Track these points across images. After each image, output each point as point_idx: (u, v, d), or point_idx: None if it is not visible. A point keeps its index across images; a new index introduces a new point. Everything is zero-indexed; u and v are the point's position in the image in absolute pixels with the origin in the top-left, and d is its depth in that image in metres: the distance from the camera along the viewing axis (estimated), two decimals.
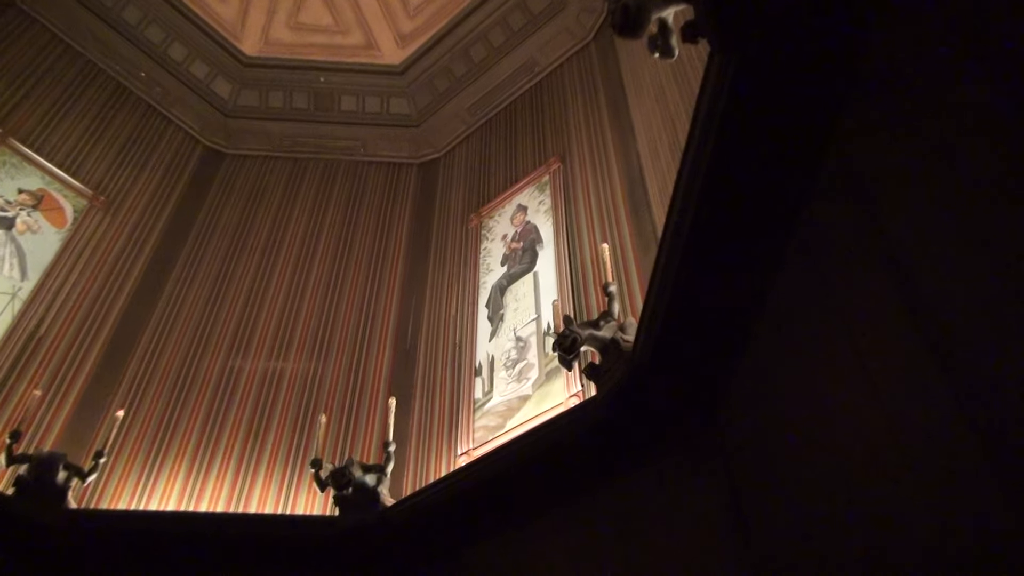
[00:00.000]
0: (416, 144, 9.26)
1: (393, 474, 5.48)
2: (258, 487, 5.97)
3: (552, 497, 4.11)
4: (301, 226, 8.34)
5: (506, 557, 4.26)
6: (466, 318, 6.68)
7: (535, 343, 5.73)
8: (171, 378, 6.73)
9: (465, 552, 4.57)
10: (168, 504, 5.83)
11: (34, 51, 7.76)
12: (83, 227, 7.23)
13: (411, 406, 6.34)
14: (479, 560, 4.46)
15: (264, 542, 5.12)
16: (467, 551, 4.56)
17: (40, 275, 6.65)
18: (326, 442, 6.06)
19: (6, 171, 6.90)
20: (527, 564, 4.08)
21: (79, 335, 6.64)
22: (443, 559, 4.70)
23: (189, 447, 6.21)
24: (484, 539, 4.45)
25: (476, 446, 5.52)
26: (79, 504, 5.49)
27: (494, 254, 6.99)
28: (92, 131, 7.89)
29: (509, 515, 4.33)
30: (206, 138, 9.10)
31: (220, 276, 7.71)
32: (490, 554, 4.38)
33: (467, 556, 4.55)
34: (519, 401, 5.48)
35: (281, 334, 7.17)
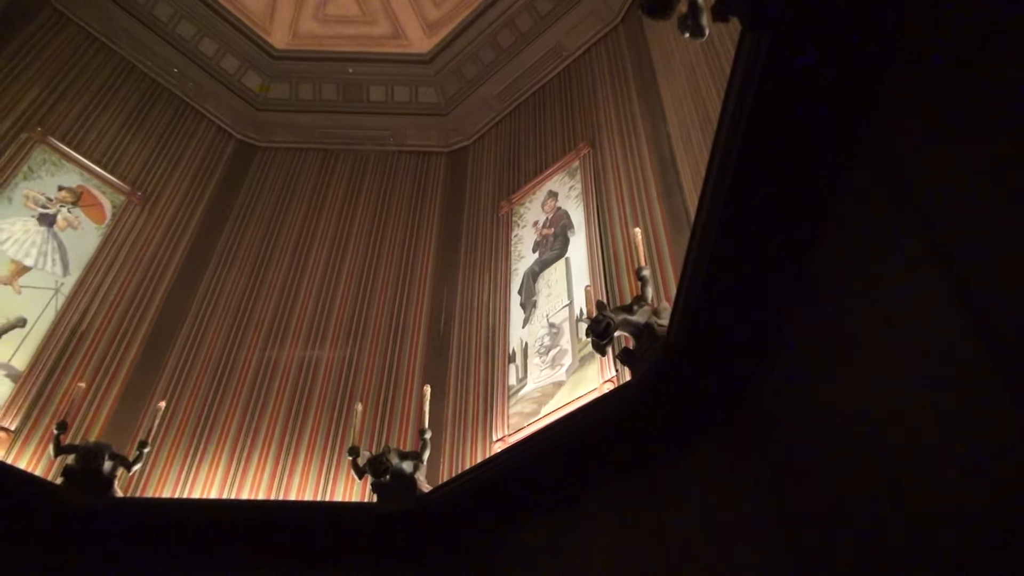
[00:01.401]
0: (445, 132, 9.27)
1: (429, 461, 5.53)
2: (297, 474, 6.06)
3: (589, 482, 4.12)
4: (333, 216, 8.41)
5: (543, 542, 4.28)
6: (499, 305, 6.69)
7: (568, 329, 5.72)
8: (210, 368, 6.85)
9: (502, 537, 4.60)
10: (210, 492, 5.95)
11: (69, 50, 7.89)
12: (121, 222, 7.37)
13: (446, 393, 6.38)
14: (516, 545, 4.49)
15: (304, 528, 5.21)
16: (504, 536, 4.59)
17: (81, 270, 6.81)
18: (363, 430, 6.12)
19: (46, 169, 7.06)
20: (565, 549, 4.09)
21: (120, 328, 6.79)
22: (480, 545, 4.74)
23: (229, 435, 6.33)
24: (521, 525, 4.48)
25: (511, 432, 5.54)
26: (125, 493, 5.64)
27: (525, 241, 6.98)
28: (128, 127, 8.02)
29: (546, 501, 4.34)
30: (238, 131, 9.21)
31: (256, 267, 7.82)
32: (527, 539, 4.41)
33: (504, 541, 4.58)
34: (553, 387, 5.48)
35: (316, 323, 7.26)
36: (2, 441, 5.57)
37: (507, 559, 4.50)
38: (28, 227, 6.64)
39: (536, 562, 4.28)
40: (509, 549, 4.51)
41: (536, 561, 4.28)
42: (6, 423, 5.65)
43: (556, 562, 4.11)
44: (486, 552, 4.68)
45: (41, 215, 6.80)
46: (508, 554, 4.50)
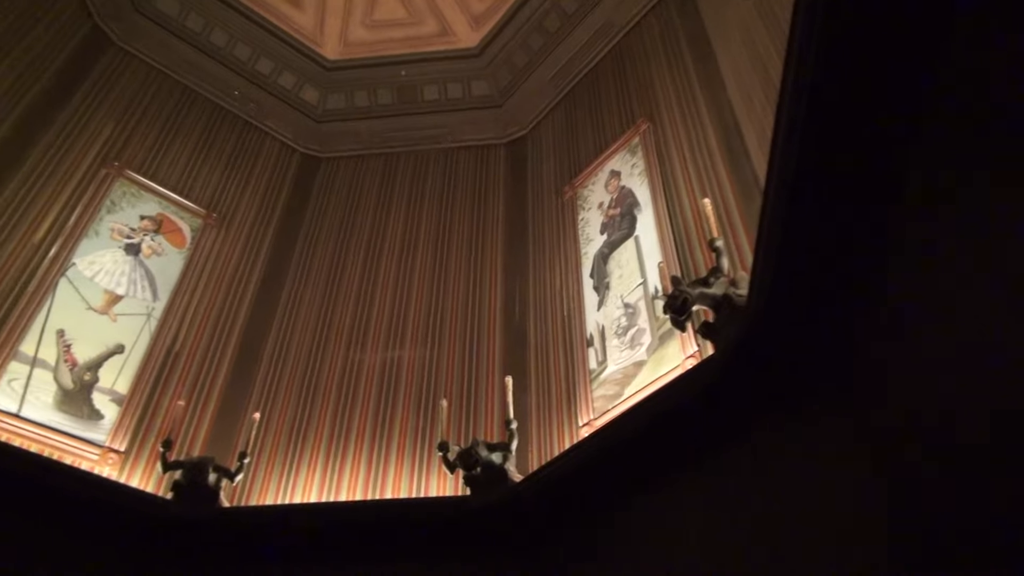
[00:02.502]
0: (501, 124, 9.28)
1: (518, 450, 5.57)
2: (390, 474, 6.19)
3: (679, 460, 4.07)
4: (400, 218, 8.53)
5: (640, 523, 4.26)
6: (572, 290, 6.68)
7: (644, 308, 5.67)
8: (298, 377, 7.07)
9: (597, 521, 4.60)
10: (309, 496, 6.14)
11: (136, 85, 8.23)
12: (201, 244, 7.66)
13: (527, 382, 6.41)
14: (611, 528, 4.48)
15: (400, 525, 5.34)
16: (599, 520, 4.59)
17: (169, 294, 7.11)
18: (450, 425, 6.21)
19: (127, 201, 7.39)
20: (663, 528, 4.06)
21: (211, 346, 7.08)
22: (575, 530, 4.76)
23: (322, 440, 6.52)
24: (615, 507, 4.47)
25: (597, 416, 5.53)
26: (230, 503, 5.88)
27: (592, 223, 6.93)
28: (197, 152, 8.32)
29: (637, 482, 4.32)
30: (301, 145, 9.44)
31: (331, 275, 8.02)
32: (622, 521, 4.39)
33: (599, 525, 4.58)
34: (634, 368, 5.44)
35: (395, 324, 7.39)
36: (114, 462, 5.88)
37: (603, 542, 4.50)
38: (116, 258, 6.98)
39: (634, 543, 4.27)
40: (605, 532, 4.51)
41: (634, 542, 4.27)
42: (116, 444, 5.97)
43: (655, 541, 4.09)
44: (581, 537, 4.69)
45: (127, 245, 7.13)
46: (604, 537, 4.50)
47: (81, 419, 5.96)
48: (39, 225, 6.57)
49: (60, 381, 6.03)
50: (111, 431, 6.02)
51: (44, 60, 7.31)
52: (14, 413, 5.65)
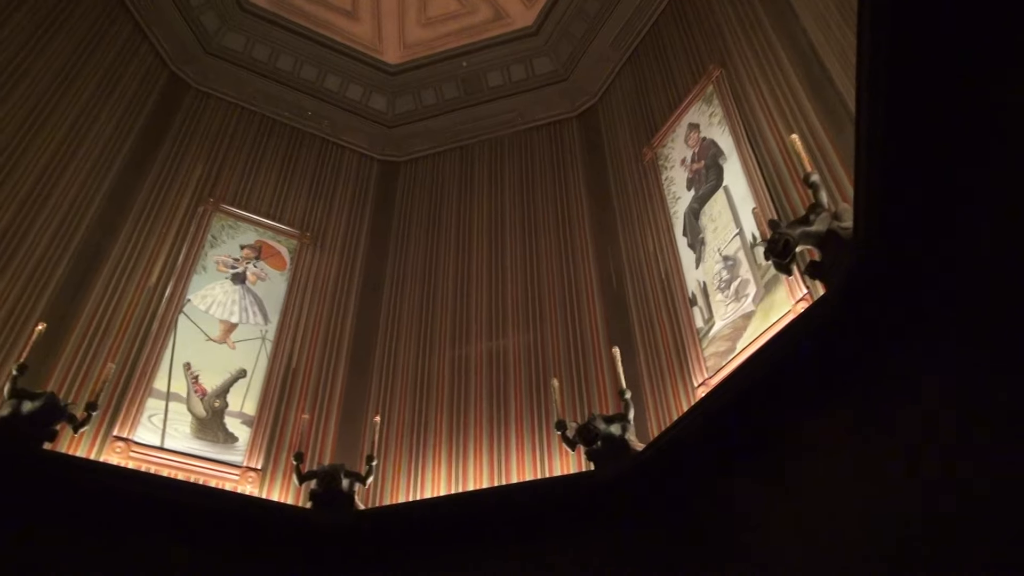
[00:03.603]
0: (570, 97, 9.17)
1: (636, 419, 5.53)
2: (512, 459, 6.26)
3: (804, 407, 3.92)
4: (484, 208, 8.59)
5: (767, 478, 4.14)
6: (666, 252, 6.54)
7: (744, 258, 5.49)
8: (410, 377, 7.24)
9: (725, 479, 4.51)
10: (438, 489, 6.29)
11: (217, 123, 8.60)
12: (300, 264, 7.95)
13: (635, 350, 6.34)
14: (739, 485, 4.38)
15: (528, 507, 5.39)
16: (727, 477, 4.49)
17: (278, 315, 7.42)
18: (564, 403, 6.22)
19: (227, 233, 7.74)
20: (794, 478, 3.93)
21: (324, 358, 7.35)
22: (703, 492, 4.68)
23: (442, 434, 6.66)
24: (742, 463, 4.36)
25: (711, 375, 5.41)
26: (365, 505, 6.09)
27: (677, 181, 6.77)
28: (283, 177, 8.63)
29: (762, 436, 4.20)
30: (378, 153, 9.63)
31: (426, 274, 8.16)
32: (751, 477, 4.28)
33: (727, 482, 4.48)
34: (743, 320, 5.28)
35: (494, 314, 7.45)
36: (254, 480, 6.19)
37: (740, 500, 4.40)
38: (225, 288, 7.33)
39: (762, 499, 4.15)
40: (733, 490, 4.41)
41: (762, 498, 4.15)
42: (253, 463, 6.28)
43: (783, 495, 3.96)
44: (713, 498, 4.60)
45: (233, 275, 7.48)
46: (741, 495, 4.40)
47: (218, 443, 6.30)
48: (151, 269, 6.97)
49: (194, 411, 6.39)
50: (247, 451, 6.34)
51: (131, 115, 7.73)
52: (158, 446, 6.03)
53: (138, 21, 8.11)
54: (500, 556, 5.27)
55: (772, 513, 4.08)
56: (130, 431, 5.98)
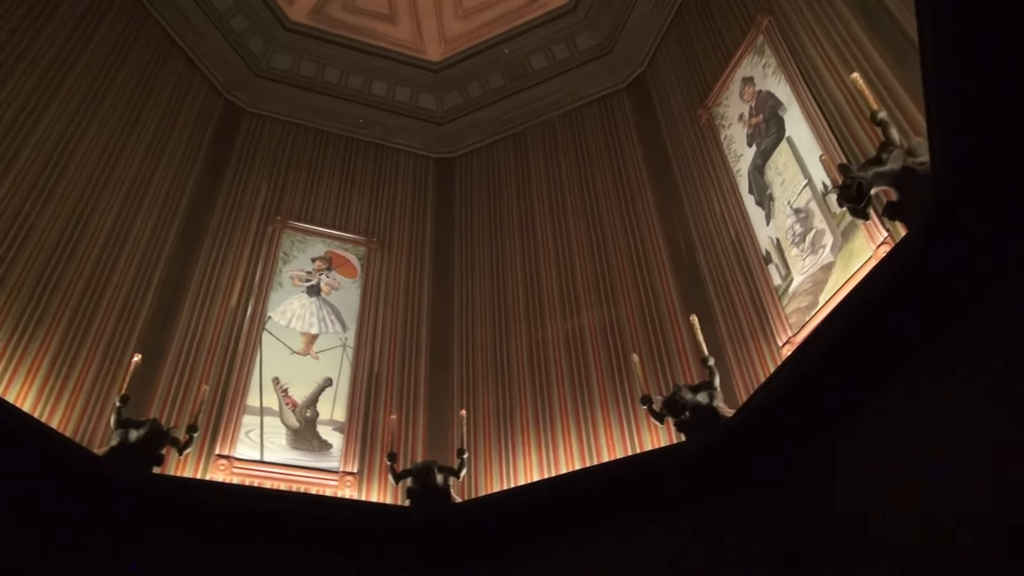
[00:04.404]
0: (616, 68, 9.03)
1: (722, 385, 5.43)
2: (601, 438, 6.24)
3: (897, 353, 3.77)
4: (544, 191, 8.55)
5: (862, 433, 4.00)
6: (734, 212, 6.38)
7: (817, 208, 5.30)
8: (490, 367, 7.29)
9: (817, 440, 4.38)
10: (531, 475, 6.32)
11: (275, 143, 8.83)
12: (370, 270, 8.09)
13: (713, 316, 6.21)
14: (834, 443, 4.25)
15: (623, 484, 5.36)
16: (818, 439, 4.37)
17: (355, 322, 7.58)
18: (646, 377, 6.16)
19: (298, 248, 7.95)
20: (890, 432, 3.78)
21: (404, 357, 7.48)
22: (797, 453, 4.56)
23: (529, 420, 6.69)
24: (835, 421, 4.23)
25: (795, 333, 5.26)
26: (462, 498, 6.17)
27: (737, 139, 6.58)
28: (343, 186, 8.80)
29: (856, 389, 4.06)
30: (432, 151, 9.70)
31: (493, 264, 8.19)
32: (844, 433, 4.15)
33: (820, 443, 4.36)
34: (823, 272, 5.11)
35: (566, 295, 7.43)
36: (352, 483, 6.36)
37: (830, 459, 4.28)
38: (303, 302, 7.54)
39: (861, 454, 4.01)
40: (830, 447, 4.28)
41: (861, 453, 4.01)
42: (349, 467, 6.45)
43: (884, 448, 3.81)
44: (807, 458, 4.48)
45: (308, 288, 7.68)
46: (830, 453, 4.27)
47: (313, 452, 6.49)
48: (231, 291, 7.23)
49: (287, 423, 6.60)
50: (341, 456, 6.51)
51: (193, 146, 8.02)
52: (258, 460, 6.25)
53: (189, 55, 8.37)
54: (598, 535, 5.26)
55: (873, 468, 3.94)
56: (231, 448, 6.22)
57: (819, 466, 4.42)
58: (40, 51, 6.34)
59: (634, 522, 5.19)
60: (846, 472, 4.18)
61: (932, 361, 3.55)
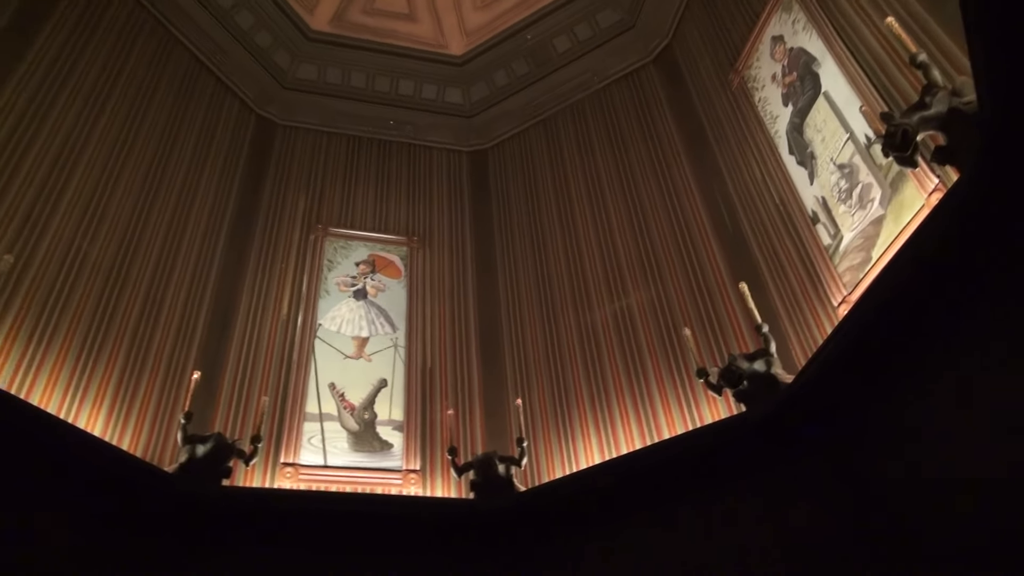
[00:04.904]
0: (641, 42, 8.89)
1: (779, 352, 5.33)
2: (660, 414, 6.18)
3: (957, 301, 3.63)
4: (579, 174, 8.49)
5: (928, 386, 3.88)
6: (775, 175, 6.24)
7: (861, 161, 5.14)
8: (541, 354, 7.29)
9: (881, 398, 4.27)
10: (592, 458, 6.29)
11: (310, 153, 8.95)
12: (414, 268, 8.15)
13: (763, 282, 6.08)
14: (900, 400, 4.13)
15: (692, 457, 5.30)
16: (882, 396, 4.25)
17: (404, 321, 7.64)
18: (700, 351, 6.07)
19: (341, 254, 8.05)
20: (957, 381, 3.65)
21: (456, 352, 7.51)
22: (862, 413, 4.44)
23: (585, 404, 6.67)
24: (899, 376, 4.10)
25: (850, 291, 5.12)
26: (525, 486, 6.18)
27: (772, 100, 6.43)
28: (379, 189, 8.87)
29: (918, 340, 3.93)
30: (464, 145, 9.70)
31: (535, 251, 8.17)
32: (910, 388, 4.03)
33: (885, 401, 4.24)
34: (873, 227, 4.96)
35: (611, 276, 7.37)
36: (416, 481, 6.42)
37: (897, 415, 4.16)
38: (351, 306, 7.63)
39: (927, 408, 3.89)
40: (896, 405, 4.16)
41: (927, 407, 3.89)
42: (412, 465, 6.51)
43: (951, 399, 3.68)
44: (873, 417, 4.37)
45: (354, 292, 7.77)
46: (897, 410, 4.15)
47: (375, 453, 6.57)
48: (280, 302, 7.36)
49: (347, 426, 6.69)
50: (403, 455, 6.58)
51: (231, 164, 8.17)
52: (322, 465, 6.35)
53: (218, 75, 8.51)
54: (667, 512, 5.22)
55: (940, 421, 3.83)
56: (295, 456, 6.33)
57: (884, 424, 4.31)
58: (74, 90, 6.50)
59: (702, 496, 5.14)
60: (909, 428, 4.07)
61: (993, 308, 3.42)
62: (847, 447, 4.64)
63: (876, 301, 4.07)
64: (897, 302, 3.94)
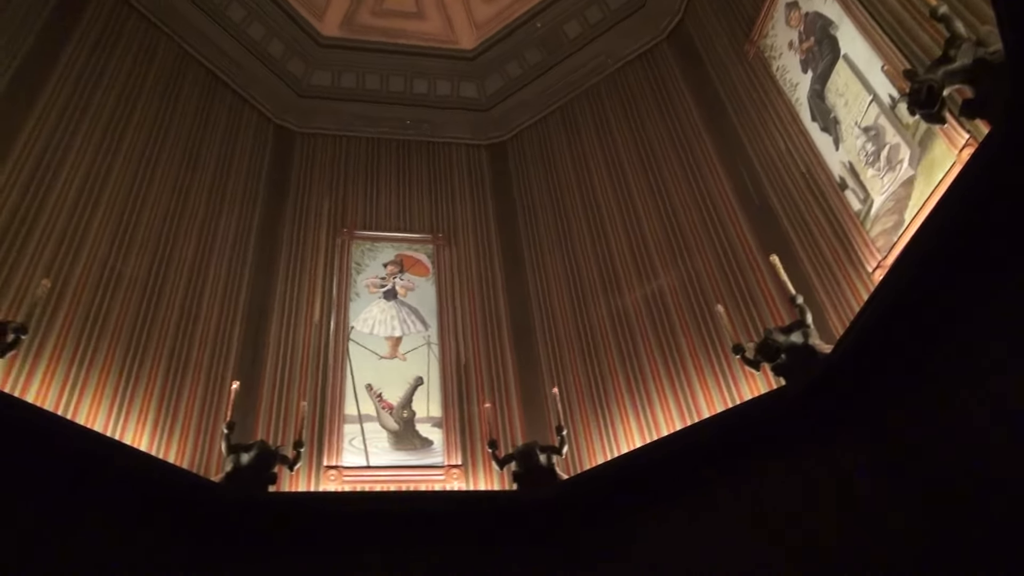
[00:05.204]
0: (652, 21, 8.78)
1: (816, 322, 5.26)
2: (698, 394, 6.14)
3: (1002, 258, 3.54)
4: (599, 158, 8.44)
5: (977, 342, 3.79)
6: (799, 144, 6.15)
7: (887, 122, 5.04)
8: (574, 341, 7.27)
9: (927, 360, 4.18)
10: (632, 442, 6.26)
11: (329, 157, 9.02)
12: (441, 265, 8.17)
13: (795, 253, 5.98)
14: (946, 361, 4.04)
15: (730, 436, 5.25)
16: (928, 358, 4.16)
17: (435, 318, 7.66)
18: (735, 326, 6.00)
19: (369, 256, 8.10)
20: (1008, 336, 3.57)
21: (489, 346, 7.52)
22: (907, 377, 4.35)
23: (622, 387, 6.64)
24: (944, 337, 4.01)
25: (884, 255, 5.02)
26: (567, 474, 6.17)
27: (790, 68, 6.33)
28: (401, 188, 8.90)
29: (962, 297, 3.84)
30: (482, 138, 9.69)
31: (561, 239, 8.16)
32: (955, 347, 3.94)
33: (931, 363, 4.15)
34: (904, 188, 4.85)
35: (639, 258, 7.32)
36: (458, 475, 6.45)
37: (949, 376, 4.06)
38: (381, 307, 7.68)
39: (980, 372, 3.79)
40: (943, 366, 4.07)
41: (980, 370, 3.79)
42: (453, 460, 6.54)
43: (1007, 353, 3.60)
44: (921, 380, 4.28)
45: (384, 293, 7.82)
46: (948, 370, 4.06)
47: (416, 450, 6.61)
48: (312, 308, 7.43)
49: (386, 426, 6.74)
50: (444, 451, 6.61)
51: (253, 176, 8.27)
52: (365, 465, 6.41)
53: (235, 88, 8.60)
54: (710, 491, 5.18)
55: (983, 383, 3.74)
56: (337, 458, 6.39)
57: (931, 391, 4.22)
58: (96, 114, 6.64)
59: (747, 474, 5.09)
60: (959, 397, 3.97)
61: None
62: (889, 414, 4.56)
63: (912, 264, 3.99)
64: (933, 263, 3.85)
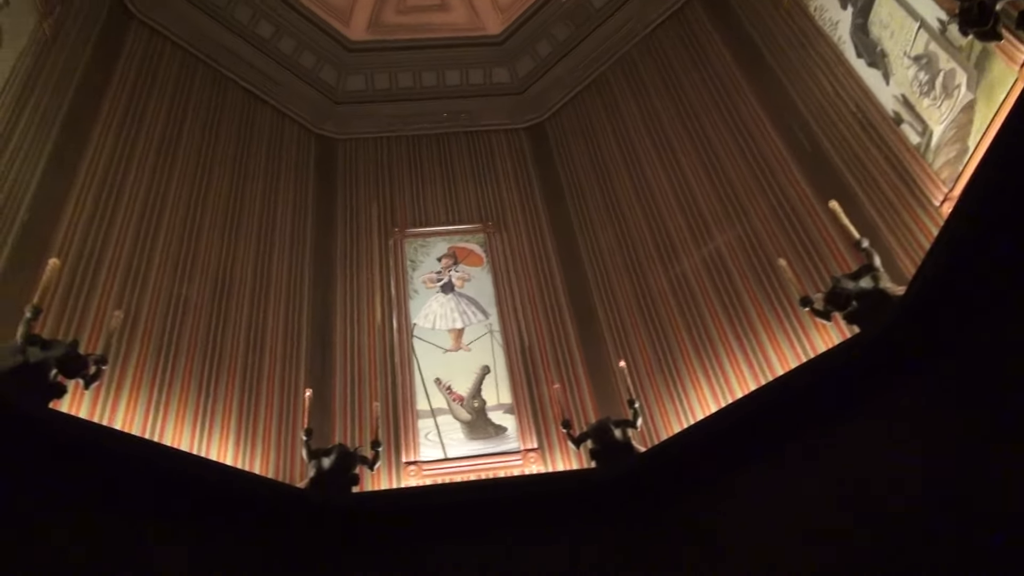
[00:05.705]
0: None
1: (884, 265, 5.07)
2: (769, 351, 6.00)
3: None
4: (641, 128, 8.31)
5: None
6: (847, 83, 5.94)
7: (939, 48, 4.82)
8: (637, 313, 7.19)
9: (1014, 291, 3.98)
10: (707, 408, 6.17)
11: (371, 161, 9.11)
12: (494, 253, 8.18)
13: (854, 196, 5.73)
14: None
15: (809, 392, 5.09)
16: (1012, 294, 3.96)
17: (494, 306, 7.69)
18: (799, 279, 5.77)
19: (423, 252, 8.18)
20: None
21: (551, 326, 7.50)
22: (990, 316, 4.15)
23: (690, 353, 6.54)
24: None
25: (951, 187, 4.82)
26: (644, 447, 6.12)
27: (828, 6, 6.12)
28: (447, 182, 8.94)
29: None
30: (520, 122, 9.64)
31: (611, 212, 8.08)
32: None
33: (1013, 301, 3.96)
34: (964, 114, 4.64)
35: (693, 222, 7.21)
36: (536, 459, 6.47)
37: None
38: (440, 301, 7.74)
39: None
40: None
41: None
42: (529, 445, 6.56)
43: None
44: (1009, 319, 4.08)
45: (442, 287, 7.88)
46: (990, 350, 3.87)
47: (491, 438, 6.65)
48: (373, 310, 7.53)
49: (459, 418, 6.80)
50: (519, 436, 6.64)
51: (301, 188, 8.42)
52: (443, 458, 6.48)
53: (273, 104, 8.76)
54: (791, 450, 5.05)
55: None
56: (415, 454, 6.48)
57: None
58: (146, 146, 6.83)
59: (830, 426, 4.93)
60: None
61: None
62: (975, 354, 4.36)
63: (982, 192, 3.79)
64: (1006, 188, 3.66)
